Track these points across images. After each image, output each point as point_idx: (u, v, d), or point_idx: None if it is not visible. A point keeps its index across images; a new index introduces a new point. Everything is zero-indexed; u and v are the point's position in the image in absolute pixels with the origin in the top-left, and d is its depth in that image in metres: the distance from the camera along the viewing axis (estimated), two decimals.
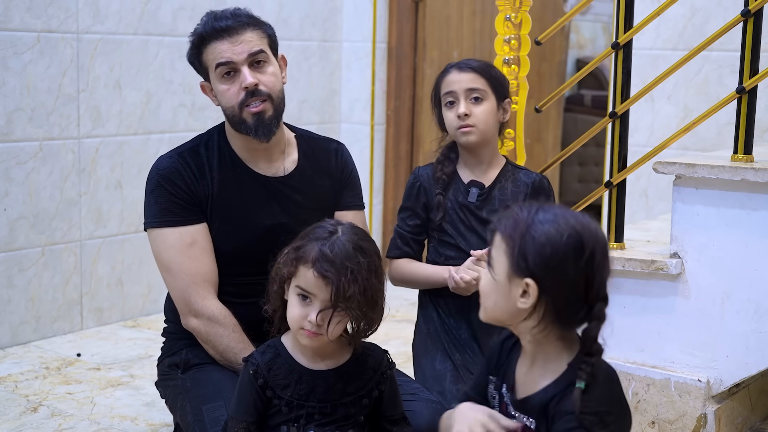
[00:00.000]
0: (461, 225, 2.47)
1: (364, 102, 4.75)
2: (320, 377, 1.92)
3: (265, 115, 2.28)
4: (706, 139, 3.79)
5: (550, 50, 5.07)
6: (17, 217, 3.54)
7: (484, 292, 1.68)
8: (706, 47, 2.71)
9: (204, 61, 2.32)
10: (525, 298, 1.61)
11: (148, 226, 2.34)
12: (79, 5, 3.65)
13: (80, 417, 2.90)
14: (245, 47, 2.27)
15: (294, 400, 1.90)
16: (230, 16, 2.29)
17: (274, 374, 1.91)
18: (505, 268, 1.62)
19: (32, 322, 3.63)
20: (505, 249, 1.62)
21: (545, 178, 2.55)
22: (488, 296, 1.67)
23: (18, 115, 3.50)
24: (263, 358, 1.93)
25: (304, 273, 1.86)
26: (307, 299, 1.86)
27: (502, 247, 1.63)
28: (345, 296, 1.82)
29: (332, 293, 1.82)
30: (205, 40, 2.29)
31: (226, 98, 2.29)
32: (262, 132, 2.29)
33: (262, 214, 2.33)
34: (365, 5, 4.67)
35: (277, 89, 2.31)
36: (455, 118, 2.44)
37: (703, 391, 2.56)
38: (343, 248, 1.84)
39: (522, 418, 1.68)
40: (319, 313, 1.84)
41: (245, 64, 2.27)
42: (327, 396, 1.91)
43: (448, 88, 2.46)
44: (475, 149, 2.48)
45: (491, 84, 2.46)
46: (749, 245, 2.49)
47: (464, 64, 2.47)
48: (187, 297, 2.28)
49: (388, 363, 1.98)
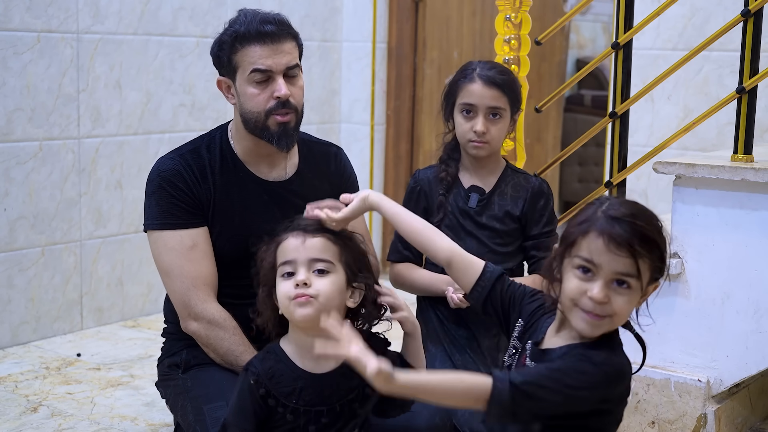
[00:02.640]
0: (461, 230, 2.47)
1: (364, 102, 4.75)
2: (323, 379, 1.89)
3: (290, 126, 2.29)
4: (706, 139, 3.79)
5: (550, 50, 5.07)
6: (17, 217, 3.54)
7: (627, 312, 1.67)
8: (706, 47, 2.71)
9: (236, 59, 2.27)
10: (644, 297, 1.67)
11: (149, 228, 2.33)
12: (79, 5, 3.65)
13: (80, 417, 2.90)
14: (285, 59, 2.26)
15: (300, 407, 1.87)
16: (275, 22, 2.26)
17: (276, 382, 1.87)
18: (645, 282, 1.65)
19: (32, 322, 3.63)
20: (650, 264, 1.64)
21: (545, 182, 2.55)
22: (627, 314, 1.68)
23: (18, 115, 3.50)
24: (264, 366, 1.89)
25: (282, 252, 1.86)
26: (292, 275, 1.84)
27: (645, 264, 1.63)
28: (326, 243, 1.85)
29: (307, 245, 1.84)
30: (245, 39, 2.25)
31: (254, 103, 2.27)
32: (284, 142, 2.30)
33: (262, 218, 2.33)
34: (365, 5, 4.67)
35: (302, 103, 2.33)
36: (470, 130, 2.42)
37: (703, 391, 2.56)
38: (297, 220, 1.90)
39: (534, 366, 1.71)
40: (305, 271, 1.83)
41: (281, 74, 2.26)
42: (333, 397, 1.88)
43: (469, 99, 2.42)
44: (482, 159, 2.48)
45: (510, 101, 2.44)
46: (749, 245, 2.49)
47: (490, 80, 2.41)
48: (187, 300, 2.27)
49: (389, 352, 1.95)
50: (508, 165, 2.56)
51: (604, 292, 1.61)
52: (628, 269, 1.60)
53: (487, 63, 2.49)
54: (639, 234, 1.61)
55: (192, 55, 4.05)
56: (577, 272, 1.64)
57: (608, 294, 1.61)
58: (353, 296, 1.90)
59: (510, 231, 2.48)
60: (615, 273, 1.61)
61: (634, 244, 1.60)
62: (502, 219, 2.47)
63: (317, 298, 1.82)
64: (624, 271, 1.61)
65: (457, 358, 2.44)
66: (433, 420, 2.15)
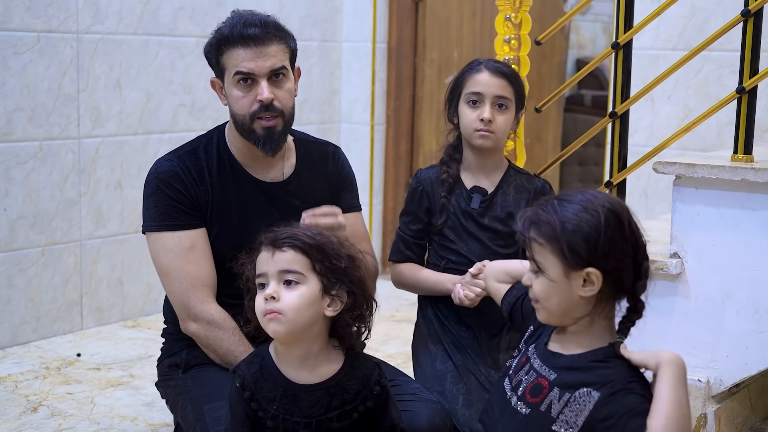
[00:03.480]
0: (463, 231, 2.47)
1: (364, 102, 4.75)
2: (306, 391, 1.87)
3: (275, 130, 2.28)
4: (706, 139, 3.79)
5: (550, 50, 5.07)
6: (17, 217, 3.54)
7: (544, 297, 1.71)
8: (706, 47, 2.71)
9: (222, 62, 2.29)
10: (588, 286, 1.67)
11: (147, 229, 2.33)
12: (79, 5, 3.65)
13: (80, 417, 2.90)
14: (268, 62, 2.24)
15: (279, 414, 1.86)
16: (259, 24, 2.24)
17: (260, 387, 1.87)
18: (558, 268, 1.67)
19: (32, 322, 3.63)
20: (552, 251, 1.67)
21: (547, 183, 2.54)
22: (549, 299, 1.70)
23: (18, 115, 3.50)
24: (249, 370, 1.89)
25: (258, 262, 1.85)
26: (264, 286, 1.83)
27: (548, 250, 1.67)
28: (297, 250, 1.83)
29: (276, 255, 1.82)
30: (229, 42, 2.25)
31: (239, 105, 2.28)
32: (269, 146, 2.29)
33: (260, 219, 2.32)
34: (365, 5, 4.67)
35: (290, 105, 2.31)
36: (476, 119, 2.42)
37: (703, 391, 2.56)
38: (291, 227, 1.88)
39: (545, 370, 1.72)
40: (274, 285, 1.82)
41: (264, 78, 2.25)
42: (312, 411, 1.86)
43: (477, 88, 2.42)
44: (486, 153, 2.48)
45: (516, 93, 2.45)
46: (749, 245, 2.49)
47: (497, 69, 2.43)
48: (186, 301, 2.27)
49: (378, 378, 1.90)
50: (511, 165, 2.55)
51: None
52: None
53: (492, 58, 2.53)
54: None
55: (192, 55, 4.05)
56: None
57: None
58: (332, 305, 1.86)
59: (512, 232, 2.47)
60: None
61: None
62: (504, 220, 2.46)
63: (285, 314, 1.81)
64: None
65: (457, 357, 2.44)
66: (433, 420, 2.15)
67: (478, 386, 2.38)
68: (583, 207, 1.67)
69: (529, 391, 1.72)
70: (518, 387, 1.76)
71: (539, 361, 1.75)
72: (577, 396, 1.65)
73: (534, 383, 1.73)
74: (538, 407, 1.69)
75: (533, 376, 1.74)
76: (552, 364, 1.73)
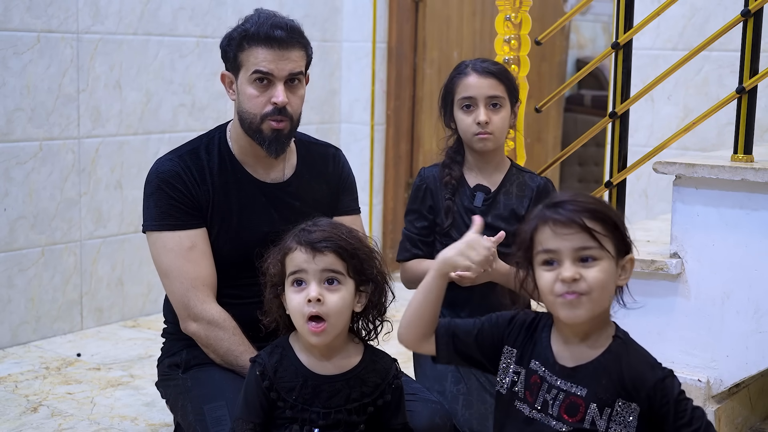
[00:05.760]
0: (466, 230, 2.46)
1: (364, 102, 4.75)
2: (326, 382, 1.89)
3: (283, 133, 2.29)
4: (706, 139, 3.79)
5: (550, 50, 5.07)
6: (17, 217, 3.54)
7: (600, 286, 1.65)
8: (706, 47, 2.71)
9: (241, 58, 2.27)
10: (623, 274, 1.69)
11: (147, 229, 2.33)
12: (79, 5, 3.65)
13: (80, 417, 2.90)
14: (289, 66, 2.25)
15: (298, 404, 1.88)
16: (286, 28, 2.25)
17: (280, 376, 1.89)
18: (612, 257, 1.66)
19: (32, 322, 3.63)
20: (611, 238, 1.66)
21: (550, 181, 2.54)
22: (604, 288, 1.67)
23: (18, 115, 3.50)
24: (271, 360, 1.91)
25: (290, 260, 1.86)
26: (301, 283, 1.85)
27: (608, 238, 1.66)
28: (341, 256, 1.85)
29: (315, 256, 1.83)
30: (253, 40, 2.24)
31: (251, 104, 2.27)
32: (274, 148, 2.30)
33: (260, 220, 2.33)
34: (365, 5, 4.67)
35: (299, 111, 2.32)
36: (473, 123, 2.41)
37: (703, 391, 2.56)
38: (324, 222, 1.90)
39: (571, 387, 1.70)
40: (316, 287, 1.84)
41: (282, 81, 2.26)
42: (331, 402, 1.88)
43: (467, 93, 2.42)
44: (487, 154, 2.48)
45: (508, 90, 2.45)
46: (749, 245, 2.49)
47: (484, 69, 2.43)
48: (186, 301, 2.27)
49: (396, 372, 1.95)
50: (513, 164, 2.55)
51: (572, 270, 1.62)
52: (584, 243, 1.63)
53: (478, 58, 2.52)
54: (580, 208, 1.65)
55: (192, 55, 4.05)
56: (544, 268, 1.66)
57: (577, 271, 1.63)
58: (360, 300, 1.92)
59: (515, 231, 2.47)
60: (573, 251, 1.63)
61: (578, 218, 1.63)
62: (508, 218, 2.46)
63: (328, 320, 1.84)
64: (581, 245, 1.63)
65: None
66: (433, 420, 2.15)
67: (478, 386, 2.37)
68: (591, 199, 1.70)
69: (564, 411, 1.69)
70: (547, 407, 1.71)
71: (557, 378, 1.72)
72: (618, 409, 1.66)
73: (568, 402, 1.69)
74: (582, 425, 1.68)
75: (561, 395, 1.70)
76: (575, 380, 1.70)
